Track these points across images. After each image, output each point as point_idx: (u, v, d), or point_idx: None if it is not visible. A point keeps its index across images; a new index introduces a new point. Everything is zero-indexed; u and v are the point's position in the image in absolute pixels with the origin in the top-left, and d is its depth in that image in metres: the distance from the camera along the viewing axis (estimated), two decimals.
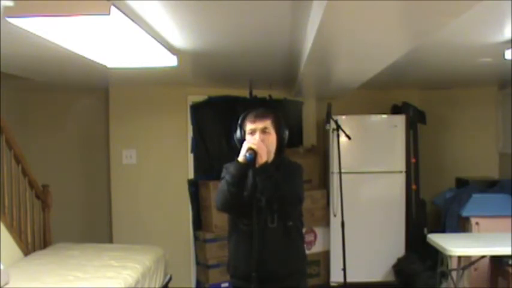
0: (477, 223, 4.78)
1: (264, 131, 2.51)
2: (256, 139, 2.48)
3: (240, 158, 2.44)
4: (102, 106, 5.54)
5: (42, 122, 5.66)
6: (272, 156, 2.55)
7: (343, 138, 4.69)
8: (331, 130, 4.85)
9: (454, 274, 4.12)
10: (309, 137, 6.23)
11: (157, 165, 5.42)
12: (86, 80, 4.84)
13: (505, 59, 3.45)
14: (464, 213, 4.87)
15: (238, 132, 2.59)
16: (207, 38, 3.10)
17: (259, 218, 2.48)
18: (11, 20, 2.11)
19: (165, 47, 3.04)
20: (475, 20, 2.57)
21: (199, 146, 5.47)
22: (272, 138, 2.54)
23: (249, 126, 2.54)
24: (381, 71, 3.81)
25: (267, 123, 2.53)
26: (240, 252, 2.60)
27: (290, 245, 2.61)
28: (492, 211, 4.79)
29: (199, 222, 5.39)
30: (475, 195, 4.93)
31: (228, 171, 2.49)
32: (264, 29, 2.88)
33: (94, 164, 5.75)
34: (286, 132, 2.60)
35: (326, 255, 5.58)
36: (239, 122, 2.60)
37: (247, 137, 2.53)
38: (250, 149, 2.42)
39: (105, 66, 3.47)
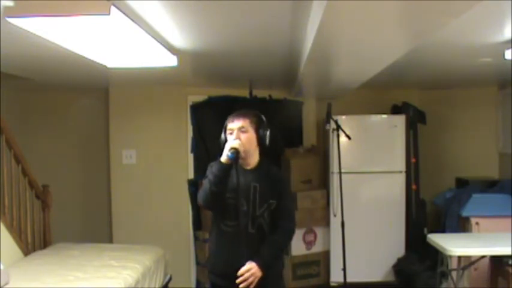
0: (477, 223, 4.78)
1: (241, 129, 2.54)
2: (237, 139, 2.51)
3: (222, 158, 2.48)
4: (102, 106, 5.54)
5: (42, 122, 5.66)
6: (256, 156, 2.60)
7: (343, 138, 4.69)
8: (331, 130, 4.85)
9: (454, 274, 4.12)
10: (309, 137, 6.23)
11: (157, 165, 5.42)
12: (86, 80, 4.84)
13: (505, 59, 3.45)
14: (464, 213, 4.87)
15: (222, 135, 2.63)
16: (207, 38, 3.10)
17: (240, 222, 2.52)
18: (11, 20, 2.11)
19: (165, 47, 3.04)
20: (475, 20, 2.57)
21: (199, 146, 5.46)
22: (249, 136, 2.56)
23: (228, 126, 2.59)
24: (381, 71, 3.81)
25: (245, 123, 2.56)
26: (218, 251, 2.67)
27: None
28: (492, 211, 4.79)
29: (199, 222, 5.39)
30: (475, 195, 4.93)
31: (211, 170, 2.53)
32: (264, 29, 2.88)
33: (94, 164, 5.75)
34: (267, 132, 2.60)
35: (326, 255, 5.58)
36: (224, 124, 2.64)
37: (228, 137, 2.57)
38: (232, 148, 2.46)
39: (105, 66, 3.47)
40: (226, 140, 2.57)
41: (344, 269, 4.58)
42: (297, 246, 5.48)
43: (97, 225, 5.63)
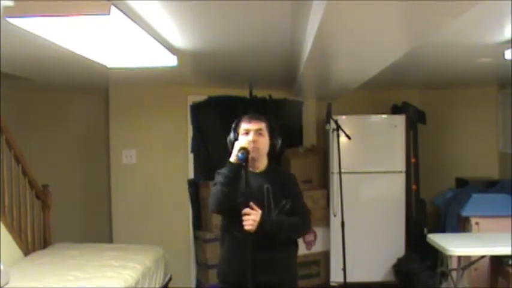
0: (477, 223, 4.78)
1: (258, 131, 2.53)
2: (249, 139, 2.49)
3: (232, 159, 2.45)
4: (102, 106, 5.54)
5: (42, 122, 5.66)
6: (265, 161, 2.59)
7: (343, 138, 4.69)
8: (331, 130, 4.85)
9: (454, 274, 4.13)
10: (309, 137, 6.23)
11: (157, 165, 5.42)
12: (86, 80, 4.84)
13: (505, 59, 3.45)
14: (464, 213, 4.87)
15: (231, 134, 2.60)
16: (207, 38, 3.10)
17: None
18: (11, 20, 2.11)
19: (165, 47, 3.04)
20: (475, 20, 2.57)
21: (200, 146, 5.47)
22: (265, 140, 2.56)
23: (243, 126, 2.56)
24: (381, 71, 3.81)
25: (262, 126, 2.56)
26: (231, 259, 2.61)
27: (282, 253, 2.60)
28: (492, 211, 4.79)
29: (199, 222, 5.39)
30: (475, 195, 4.93)
31: (221, 172, 2.49)
32: (264, 29, 2.87)
33: (94, 164, 5.75)
34: (279, 140, 2.61)
35: (326, 255, 5.58)
36: (233, 125, 2.62)
37: (241, 137, 2.53)
38: (242, 148, 2.43)
39: (105, 66, 3.47)
40: (235, 140, 2.53)
41: (344, 269, 4.58)
42: None
43: (97, 225, 5.63)
